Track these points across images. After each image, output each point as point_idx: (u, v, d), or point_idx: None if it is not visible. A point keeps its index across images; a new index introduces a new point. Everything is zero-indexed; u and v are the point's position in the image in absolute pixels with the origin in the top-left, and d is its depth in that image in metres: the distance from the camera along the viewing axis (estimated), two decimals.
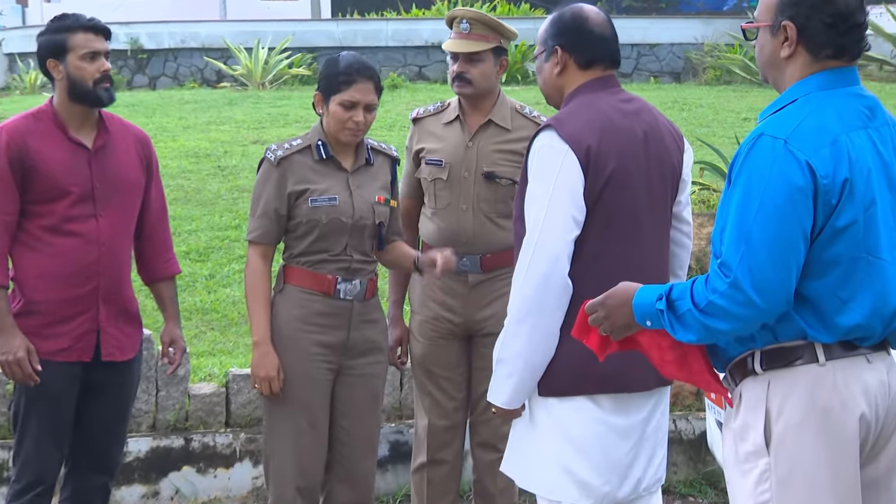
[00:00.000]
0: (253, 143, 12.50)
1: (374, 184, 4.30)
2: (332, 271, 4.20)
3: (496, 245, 4.57)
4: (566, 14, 3.56)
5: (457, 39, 4.54)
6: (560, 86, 3.55)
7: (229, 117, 14.10)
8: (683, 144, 3.61)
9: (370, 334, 4.31)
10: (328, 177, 4.21)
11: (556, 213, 3.34)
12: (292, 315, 4.20)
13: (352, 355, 4.28)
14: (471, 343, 4.68)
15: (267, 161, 4.21)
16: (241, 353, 6.86)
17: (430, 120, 4.69)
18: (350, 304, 4.24)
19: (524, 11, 21.26)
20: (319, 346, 4.21)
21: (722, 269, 2.70)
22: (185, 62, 18.61)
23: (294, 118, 13.98)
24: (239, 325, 7.39)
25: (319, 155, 4.20)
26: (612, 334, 2.96)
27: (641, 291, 2.87)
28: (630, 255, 3.43)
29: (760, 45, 2.87)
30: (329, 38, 18.61)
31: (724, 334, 2.74)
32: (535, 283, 3.33)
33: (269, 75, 17.06)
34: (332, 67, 4.20)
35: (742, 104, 15.19)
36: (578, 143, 3.37)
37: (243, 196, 10.15)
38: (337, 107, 4.13)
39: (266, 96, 16.00)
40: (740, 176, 2.71)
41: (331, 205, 4.17)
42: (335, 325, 4.23)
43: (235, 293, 7.92)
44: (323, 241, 4.18)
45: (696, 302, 2.72)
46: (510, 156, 4.56)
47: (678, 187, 3.59)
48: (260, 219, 4.19)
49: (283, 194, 4.16)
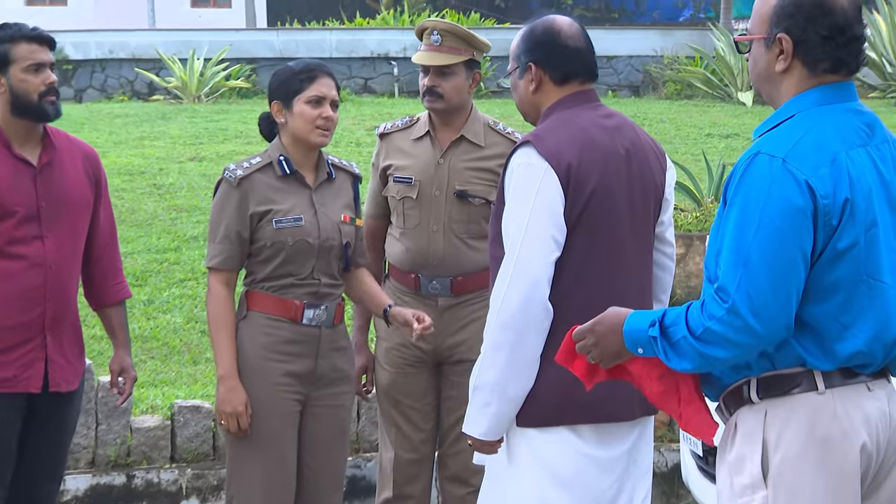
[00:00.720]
0: (190, 159, 12.46)
1: (338, 202, 4.31)
2: (299, 296, 4.19)
3: (468, 267, 4.59)
4: (537, 28, 3.59)
5: (427, 52, 4.56)
6: (536, 103, 3.58)
7: (163, 132, 14.03)
8: (666, 162, 3.65)
9: (338, 363, 4.31)
10: (291, 195, 4.20)
11: (536, 234, 3.35)
12: (257, 343, 4.18)
13: (319, 385, 4.27)
14: (440, 371, 4.69)
15: (226, 182, 4.19)
16: (184, 383, 6.83)
17: (399, 135, 4.71)
18: (318, 331, 4.23)
19: (474, 22, 21.37)
20: (287, 375, 4.20)
21: (719, 294, 2.71)
22: (114, 73, 18.51)
23: (233, 133, 13.95)
24: (181, 354, 7.35)
25: (282, 170, 4.19)
26: (602, 362, 2.96)
27: (632, 317, 2.88)
28: (612, 277, 3.46)
29: (754, 59, 2.90)
30: (268, 48, 18.59)
31: (721, 362, 2.76)
32: (514, 307, 3.34)
33: (206, 88, 17.02)
34: (285, 72, 4.22)
35: (704, 119, 15.36)
36: (558, 160, 3.39)
37: (181, 217, 10.10)
38: (304, 106, 4.15)
39: (202, 110, 15.94)
40: (737, 196, 2.74)
41: (296, 226, 4.17)
42: (302, 354, 4.22)
43: (176, 319, 7.88)
44: (289, 265, 4.17)
45: (692, 328, 2.74)
46: (483, 174, 4.58)
47: (661, 207, 3.62)
48: (221, 244, 4.17)
49: (244, 216, 4.15)
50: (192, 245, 9.36)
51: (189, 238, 9.52)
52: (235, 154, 12.72)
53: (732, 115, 15.81)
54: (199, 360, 7.27)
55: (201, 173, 11.70)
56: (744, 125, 14.93)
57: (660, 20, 34.22)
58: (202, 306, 8.10)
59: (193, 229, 9.71)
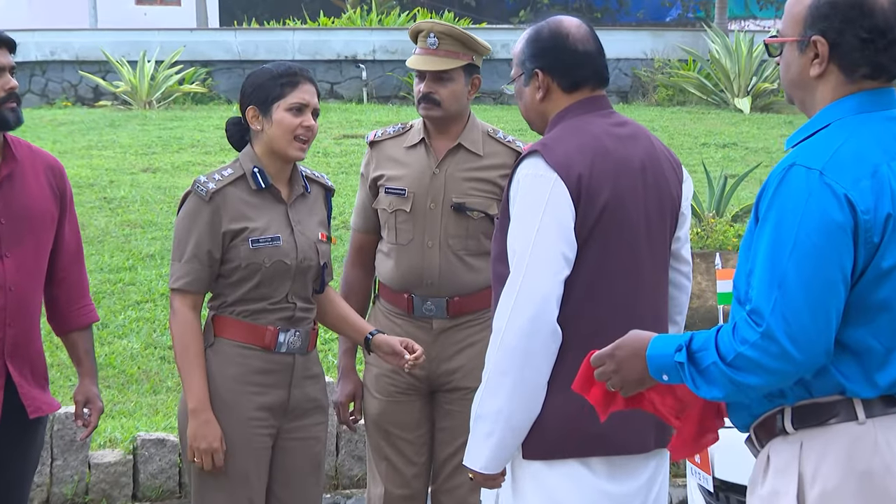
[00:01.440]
0: (143, 170, 12.45)
1: (313, 218, 4.29)
2: (272, 322, 4.16)
3: (465, 287, 4.59)
4: (544, 32, 3.60)
5: (423, 56, 4.57)
6: (543, 111, 3.59)
7: (113, 141, 14.02)
8: (682, 173, 3.67)
9: (311, 392, 4.29)
10: (266, 211, 4.18)
11: (544, 251, 3.36)
12: (227, 374, 4.15)
13: (292, 417, 4.25)
14: (434, 400, 4.69)
15: (196, 196, 4.13)
16: (144, 414, 6.82)
17: (390, 143, 4.71)
18: (291, 359, 4.21)
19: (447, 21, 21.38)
20: (260, 409, 4.17)
21: (752, 317, 2.72)
22: (56, 77, 18.46)
23: (189, 142, 13.95)
24: (139, 383, 7.34)
25: (257, 184, 4.16)
26: (622, 390, 2.97)
27: (656, 341, 2.89)
28: (626, 297, 3.47)
29: (786, 63, 2.91)
30: (225, 49, 18.58)
31: (754, 390, 2.76)
32: (521, 330, 3.35)
33: (157, 92, 17.02)
34: (263, 75, 4.19)
35: (699, 127, 15.46)
36: (568, 170, 3.40)
37: (136, 233, 10.09)
38: (284, 113, 4.12)
39: (154, 117, 15.94)
40: (770, 211, 2.75)
41: (274, 246, 4.14)
42: (275, 384, 4.19)
43: (133, 345, 7.87)
44: (264, 288, 4.14)
45: (723, 354, 2.74)
46: (482, 185, 4.59)
47: (677, 221, 3.64)
48: (189, 263, 4.11)
49: (217, 234, 4.10)
50: (148, 264, 9.35)
51: (145, 256, 9.51)
52: (192, 165, 12.71)
53: (729, 123, 15.91)
54: (160, 390, 7.26)
55: (156, 186, 11.70)
56: (742, 134, 15.03)
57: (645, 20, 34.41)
58: (161, 330, 8.09)
59: (149, 247, 9.69)
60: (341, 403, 4.73)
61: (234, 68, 18.55)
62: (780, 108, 17.58)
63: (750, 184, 11.02)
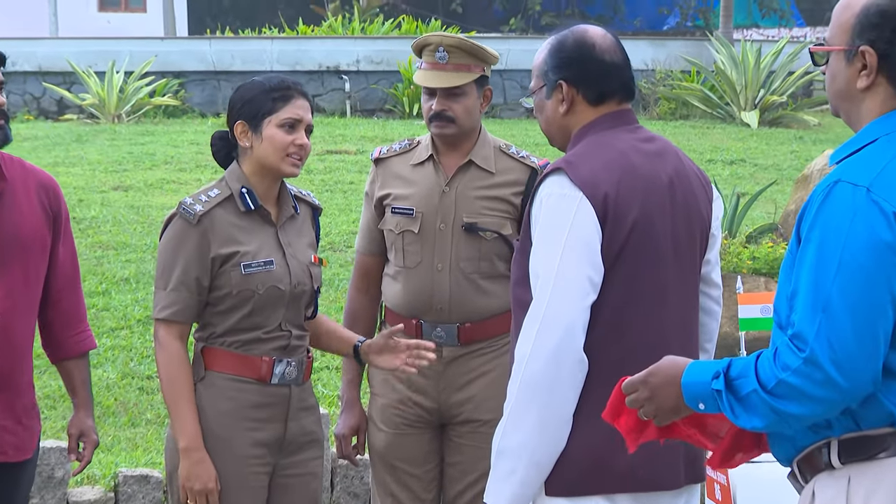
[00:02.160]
0: (114, 189, 12.46)
1: (303, 240, 4.29)
2: (267, 352, 4.16)
3: (478, 312, 4.61)
4: (568, 41, 3.62)
5: (432, 71, 4.60)
6: (567, 125, 3.62)
7: (80, 157, 14.03)
8: (712, 192, 3.70)
9: (307, 424, 4.29)
10: (256, 234, 4.17)
11: (569, 274, 3.38)
12: (220, 410, 4.14)
13: (288, 452, 4.25)
14: (444, 433, 4.71)
15: (181, 219, 4.11)
16: (122, 448, 6.82)
17: (396, 160, 4.74)
18: (287, 391, 4.21)
19: (434, 29, 21.47)
20: (255, 446, 4.16)
21: (795, 342, 2.74)
22: (17, 88, 18.45)
23: (162, 158, 13.96)
24: (117, 415, 7.34)
25: (246, 205, 4.15)
26: (655, 419, 2.99)
27: (692, 368, 2.91)
28: (655, 323, 3.49)
29: (832, 74, 2.93)
30: (199, 59, 18.61)
31: (797, 420, 2.78)
32: (545, 359, 3.37)
33: (127, 105, 17.04)
34: (254, 88, 4.18)
35: (705, 143, 15.52)
36: (594, 189, 3.43)
37: (108, 255, 10.10)
38: (275, 129, 4.11)
39: (124, 131, 15.95)
40: (814, 231, 2.77)
41: (267, 271, 4.13)
42: (271, 418, 4.19)
43: (109, 375, 7.87)
44: (256, 316, 4.14)
45: (763, 381, 2.77)
46: (495, 203, 4.62)
47: (707, 243, 3.66)
48: (175, 292, 4.09)
49: (205, 260, 4.09)
50: (122, 288, 9.35)
51: (119, 280, 9.51)
52: (166, 183, 12.73)
53: (736, 139, 15.98)
54: (139, 422, 7.26)
55: (128, 205, 11.71)
56: (750, 150, 15.09)
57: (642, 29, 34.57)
58: (139, 359, 8.09)
59: (123, 270, 9.70)
60: (344, 436, 4.74)
61: (208, 79, 18.58)
62: (789, 122, 17.66)
63: (762, 203, 11.06)
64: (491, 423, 4.54)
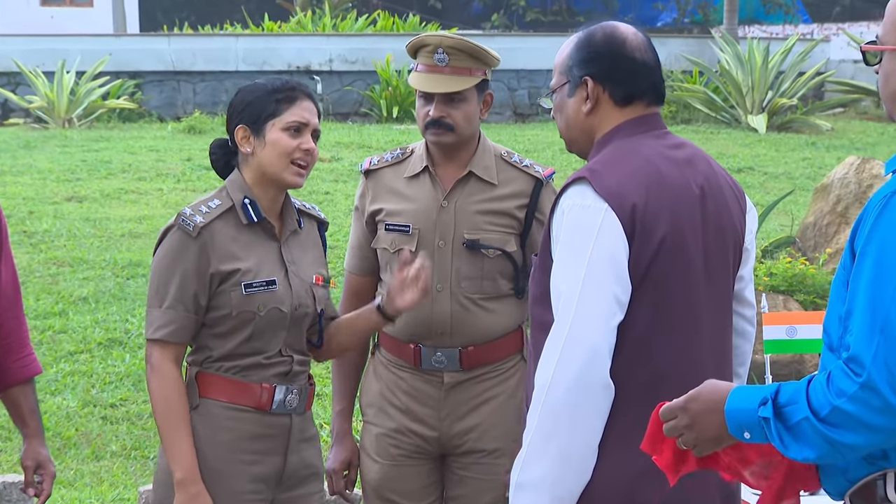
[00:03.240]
0: (67, 199, 12.45)
1: (307, 258, 4.29)
2: (266, 378, 4.15)
3: (481, 335, 4.61)
4: (597, 35, 3.63)
5: (430, 74, 4.57)
6: (589, 127, 3.62)
7: (29, 165, 14.01)
8: (746, 203, 3.70)
9: (308, 457, 4.30)
10: (257, 250, 4.16)
11: (594, 293, 3.38)
12: (217, 441, 4.13)
13: (287, 486, 4.25)
14: (445, 464, 4.70)
15: (180, 231, 4.10)
16: (86, 483, 6.82)
17: (389, 172, 4.72)
18: (288, 421, 4.21)
19: (413, 26, 21.52)
20: (253, 480, 4.16)
21: (850, 366, 2.75)
22: None
23: (119, 166, 13.96)
24: (79, 447, 7.33)
25: (248, 217, 4.15)
26: (696, 448, 3.00)
27: (736, 394, 2.91)
28: (686, 345, 3.49)
29: (885, 74, 2.94)
30: (157, 59, 18.61)
31: (852, 450, 2.79)
32: (568, 385, 3.36)
33: (79, 108, 17.03)
34: (256, 90, 4.17)
35: (709, 149, 15.55)
36: (621, 200, 3.43)
37: (64, 272, 10.09)
38: (280, 133, 4.10)
39: (77, 137, 15.93)
40: (870, 246, 2.78)
41: (269, 291, 4.12)
42: (271, 450, 4.19)
43: (69, 403, 7.85)
44: (256, 340, 4.13)
45: (815, 408, 2.77)
46: (498, 218, 4.61)
47: (741, 258, 3.68)
48: (171, 310, 4.08)
49: (204, 276, 4.09)
50: (81, 308, 9.34)
51: (77, 300, 9.50)
52: (125, 193, 12.73)
53: (743, 144, 16.04)
54: (103, 455, 7.25)
55: (83, 217, 11.71)
56: (758, 157, 15.15)
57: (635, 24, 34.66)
58: (101, 386, 8.08)
59: (81, 288, 9.69)
60: (335, 471, 4.73)
61: (166, 80, 18.58)
62: (799, 127, 17.74)
63: (776, 215, 11.10)
64: (496, 453, 4.59)
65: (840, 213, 9.14)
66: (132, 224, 11.55)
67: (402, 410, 4.65)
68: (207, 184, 13.27)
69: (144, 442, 7.37)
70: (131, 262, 10.34)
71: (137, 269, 10.17)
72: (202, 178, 13.51)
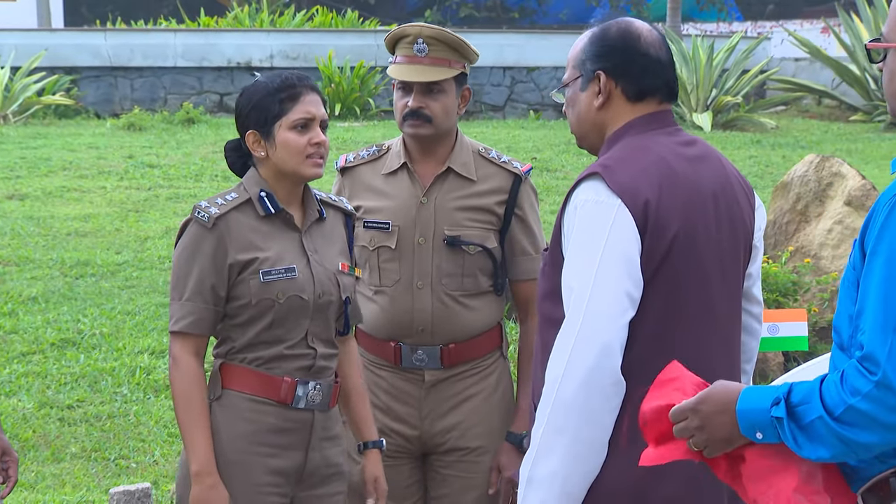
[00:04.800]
0: (8, 198, 12.38)
1: (332, 247, 4.30)
2: (290, 371, 4.17)
3: (462, 332, 4.63)
4: (612, 30, 3.66)
5: (409, 65, 4.59)
6: (601, 123, 3.65)
7: None
8: (755, 200, 3.74)
9: (331, 455, 4.30)
10: (277, 240, 4.19)
11: (607, 289, 3.41)
12: (237, 432, 4.15)
13: (308, 484, 4.25)
14: (427, 463, 4.73)
15: (197, 223, 4.14)
16: (49, 486, 6.77)
17: (365, 169, 4.74)
18: (310, 416, 4.22)
19: (351, 22, 21.49)
20: (272, 473, 4.17)
21: (864, 365, 2.77)
22: None
23: (59, 164, 13.88)
24: (38, 449, 7.29)
25: (265, 209, 4.17)
26: (706, 450, 3.01)
27: (748, 394, 2.93)
28: (698, 342, 3.52)
29: (891, 71, 2.95)
30: (93, 54, 18.48)
31: (866, 449, 2.81)
32: (579, 381, 3.38)
33: (14, 105, 16.88)
34: (258, 92, 4.18)
35: None
36: (634, 196, 3.46)
37: (10, 272, 10.04)
38: (288, 133, 4.12)
39: (13, 134, 15.81)
40: (881, 244, 2.81)
41: (288, 278, 4.14)
42: (291, 445, 4.20)
43: (25, 404, 7.80)
44: (277, 328, 4.15)
45: (829, 407, 2.79)
46: (478, 214, 4.64)
47: (750, 255, 3.71)
48: (191, 301, 4.12)
49: (222, 267, 4.12)
50: (31, 308, 9.28)
51: (26, 300, 9.44)
52: (67, 191, 12.65)
53: None
54: (63, 457, 7.21)
55: (26, 216, 11.64)
56: None
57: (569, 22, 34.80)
58: (56, 387, 8.03)
59: (30, 288, 9.63)
60: None
61: (103, 76, 18.45)
62: (744, 125, 17.88)
63: None
64: (478, 450, 4.61)
65: (800, 212, 9.21)
66: (77, 223, 11.48)
67: (382, 410, 4.66)
68: (152, 181, 13.22)
69: (104, 443, 7.33)
70: (79, 262, 10.28)
71: (86, 269, 10.10)
72: (146, 176, 13.46)
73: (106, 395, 7.91)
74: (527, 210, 4.68)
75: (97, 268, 10.11)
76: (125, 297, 9.53)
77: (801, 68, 21.31)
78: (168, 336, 4.25)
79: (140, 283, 9.85)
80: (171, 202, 12.47)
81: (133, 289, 9.73)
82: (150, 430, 7.50)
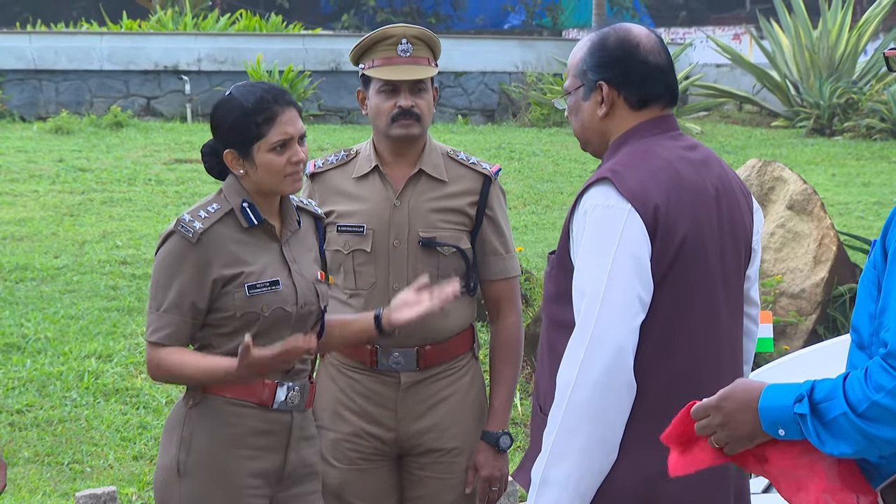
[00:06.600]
0: None
1: (308, 256, 4.31)
2: (269, 375, 4.18)
3: (438, 333, 4.64)
4: (610, 39, 3.68)
5: (396, 66, 4.59)
6: (605, 130, 3.69)
7: None
8: (753, 203, 3.79)
9: (307, 455, 4.32)
10: (260, 252, 4.19)
11: (618, 293, 3.44)
12: (218, 436, 4.15)
13: (286, 484, 4.27)
14: (403, 465, 4.73)
15: (179, 237, 4.11)
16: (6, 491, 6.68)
17: (335, 174, 4.73)
18: (289, 417, 4.24)
19: (275, 27, 21.42)
20: (253, 475, 4.18)
21: (888, 361, 2.81)
22: None
23: None
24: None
25: (248, 220, 4.16)
26: (728, 446, 3.04)
27: (770, 391, 2.97)
28: (705, 345, 3.57)
29: None
30: (17, 57, 18.28)
31: (890, 444, 2.86)
32: (593, 384, 3.42)
33: None
34: (234, 111, 4.14)
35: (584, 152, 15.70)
36: (643, 201, 3.50)
37: None
38: (268, 155, 4.11)
39: None
40: None
41: (273, 291, 4.15)
42: (271, 447, 4.22)
43: None
44: (261, 339, 4.12)
45: (853, 404, 2.84)
46: (451, 215, 4.65)
47: (749, 258, 3.75)
48: (168, 314, 4.12)
49: (204, 283, 4.11)
50: None
51: None
52: (1, 195, 12.51)
53: None
54: (16, 461, 7.16)
55: None
56: None
57: (485, 27, 34.90)
58: (4, 392, 7.96)
59: None
60: None
61: (28, 79, 18.26)
62: None
63: None
64: (454, 451, 4.63)
65: None
66: (12, 227, 11.36)
67: (357, 413, 4.66)
68: (85, 185, 13.11)
69: (57, 448, 7.26)
70: (18, 266, 10.16)
71: (26, 273, 9.99)
72: (78, 180, 13.34)
73: (55, 400, 7.84)
74: (497, 211, 4.71)
75: (36, 272, 10.01)
76: (67, 301, 9.44)
77: (721, 74, 21.50)
78: (115, 340, 4.22)
79: (81, 287, 9.76)
80: (107, 206, 12.35)
81: (74, 293, 9.64)
82: (101, 435, 7.44)
